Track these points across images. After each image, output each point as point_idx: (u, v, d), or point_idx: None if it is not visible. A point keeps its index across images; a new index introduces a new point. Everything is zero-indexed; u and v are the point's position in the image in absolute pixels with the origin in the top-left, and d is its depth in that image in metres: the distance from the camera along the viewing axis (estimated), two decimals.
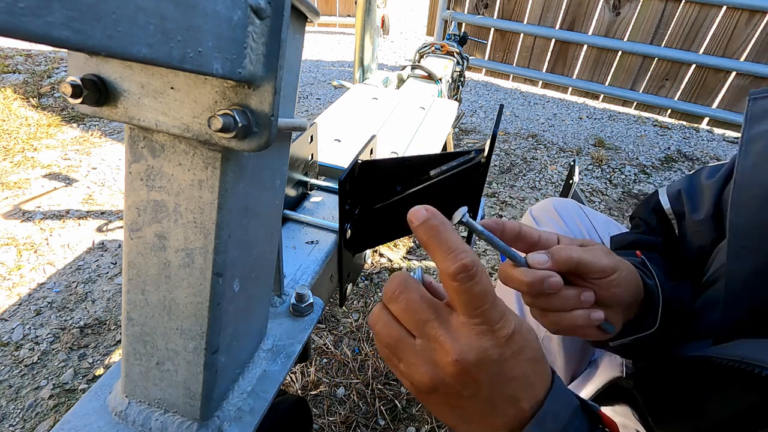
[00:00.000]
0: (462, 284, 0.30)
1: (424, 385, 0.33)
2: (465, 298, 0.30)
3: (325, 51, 3.91)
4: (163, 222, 0.35)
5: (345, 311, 1.45)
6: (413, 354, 0.33)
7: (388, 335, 0.34)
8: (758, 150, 0.47)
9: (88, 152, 2.13)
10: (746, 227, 0.46)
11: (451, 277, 0.30)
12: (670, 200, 0.63)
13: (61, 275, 1.50)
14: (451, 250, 0.30)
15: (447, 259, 0.30)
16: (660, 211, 0.64)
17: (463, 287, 0.30)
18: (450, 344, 0.31)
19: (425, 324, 0.32)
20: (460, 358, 0.30)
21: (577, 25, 2.98)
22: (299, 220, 0.74)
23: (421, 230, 0.31)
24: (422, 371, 0.32)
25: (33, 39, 0.16)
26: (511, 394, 0.32)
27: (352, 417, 1.16)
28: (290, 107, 0.40)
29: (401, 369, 0.34)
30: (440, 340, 0.31)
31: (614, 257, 0.46)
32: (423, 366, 0.32)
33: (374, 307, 0.36)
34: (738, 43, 2.68)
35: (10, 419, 1.11)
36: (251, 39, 0.27)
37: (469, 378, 0.31)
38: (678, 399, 0.48)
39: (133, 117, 0.30)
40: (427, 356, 0.32)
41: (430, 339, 0.32)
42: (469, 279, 0.30)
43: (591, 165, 2.44)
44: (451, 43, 1.78)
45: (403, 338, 0.33)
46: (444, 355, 0.31)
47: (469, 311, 0.31)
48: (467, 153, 0.62)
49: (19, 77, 2.74)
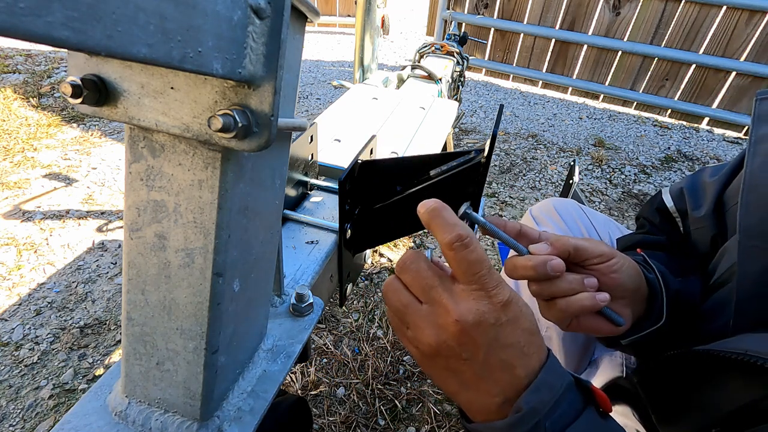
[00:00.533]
0: (458, 252, 0.34)
1: (428, 347, 0.36)
2: (462, 264, 0.34)
3: (325, 51, 3.91)
4: (163, 222, 0.35)
5: (345, 311, 1.45)
6: (419, 318, 0.36)
7: (398, 301, 0.38)
8: (766, 150, 0.47)
9: (88, 152, 2.13)
10: (756, 227, 0.46)
11: (448, 246, 0.34)
12: (673, 199, 0.63)
13: (61, 275, 1.50)
14: (448, 224, 0.35)
15: (444, 232, 0.34)
16: (664, 209, 0.64)
17: (459, 255, 0.34)
18: (452, 306, 0.34)
19: (431, 289, 0.35)
20: (460, 319, 0.34)
21: (577, 25, 2.98)
22: (299, 220, 0.74)
23: (426, 214, 0.36)
24: (427, 333, 0.35)
25: (33, 39, 0.16)
26: (507, 360, 0.35)
27: (352, 417, 1.16)
28: (290, 107, 0.40)
29: (408, 335, 0.38)
30: (443, 303, 0.35)
31: (610, 247, 0.49)
32: (428, 329, 0.35)
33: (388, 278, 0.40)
34: (738, 43, 2.68)
35: (10, 419, 1.11)
36: (251, 39, 0.27)
37: (467, 338, 0.34)
38: (681, 394, 0.49)
39: (133, 117, 0.30)
40: (431, 319, 0.35)
41: (434, 303, 0.35)
42: (464, 247, 0.34)
43: (591, 165, 2.44)
44: (451, 43, 1.78)
45: (411, 303, 0.37)
46: (446, 317, 0.34)
47: (467, 277, 0.34)
48: (467, 153, 0.62)
49: (19, 77, 2.74)
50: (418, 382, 1.27)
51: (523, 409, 0.33)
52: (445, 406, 1.21)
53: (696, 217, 0.59)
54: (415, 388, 1.25)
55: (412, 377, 1.28)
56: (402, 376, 1.28)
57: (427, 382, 1.27)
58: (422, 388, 1.25)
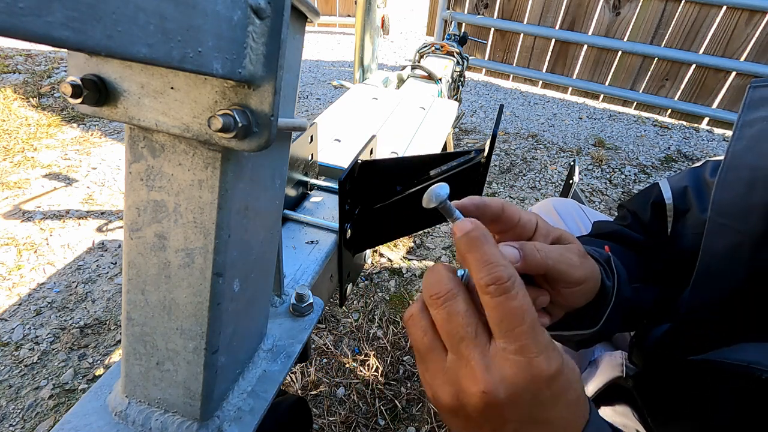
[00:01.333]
0: (493, 297, 0.28)
1: (444, 404, 0.31)
2: (498, 314, 0.28)
3: (325, 51, 3.91)
4: (163, 222, 0.35)
5: (345, 311, 1.45)
6: (441, 369, 0.31)
7: (421, 342, 0.32)
8: (751, 134, 0.47)
9: (88, 152, 2.13)
10: (730, 206, 0.46)
11: (483, 289, 0.29)
12: (674, 195, 0.60)
13: (61, 275, 1.50)
14: (488, 262, 0.29)
15: (481, 270, 0.29)
16: (660, 204, 0.61)
17: (495, 301, 0.28)
18: (480, 372, 0.28)
19: (461, 342, 0.29)
20: (488, 391, 0.28)
21: (577, 25, 2.98)
22: (299, 220, 0.74)
23: (462, 241, 0.30)
24: (446, 390, 0.30)
25: (33, 39, 0.16)
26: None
27: (352, 417, 1.16)
28: (290, 107, 0.40)
29: (426, 378, 0.32)
30: (472, 364, 0.29)
31: (587, 264, 0.42)
32: (447, 385, 0.30)
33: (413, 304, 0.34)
34: (738, 43, 2.68)
35: (10, 419, 1.11)
36: (251, 39, 0.27)
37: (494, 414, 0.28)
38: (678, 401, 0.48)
39: (133, 117, 0.30)
40: (454, 377, 0.30)
41: (461, 359, 0.29)
42: (502, 292, 0.28)
43: (591, 165, 2.44)
44: (451, 43, 1.78)
45: (435, 350, 0.31)
46: (472, 383, 0.28)
47: (504, 332, 0.28)
48: (467, 153, 0.62)
49: (19, 77, 2.74)
50: (418, 382, 1.27)
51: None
52: None
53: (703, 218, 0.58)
54: (415, 388, 1.25)
55: (412, 377, 1.28)
56: (402, 376, 1.28)
57: None
58: (422, 388, 1.25)
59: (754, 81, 0.50)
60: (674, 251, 0.57)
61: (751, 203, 0.45)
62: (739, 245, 0.45)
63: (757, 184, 0.45)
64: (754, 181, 0.45)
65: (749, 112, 0.49)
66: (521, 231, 0.40)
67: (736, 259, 0.45)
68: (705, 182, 0.59)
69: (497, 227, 0.40)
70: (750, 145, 0.47)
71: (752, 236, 0.44)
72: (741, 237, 0.45)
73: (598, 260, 0.49)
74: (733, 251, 0.45)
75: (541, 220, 0.41)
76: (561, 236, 0.42)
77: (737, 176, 0.47)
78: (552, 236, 0.41)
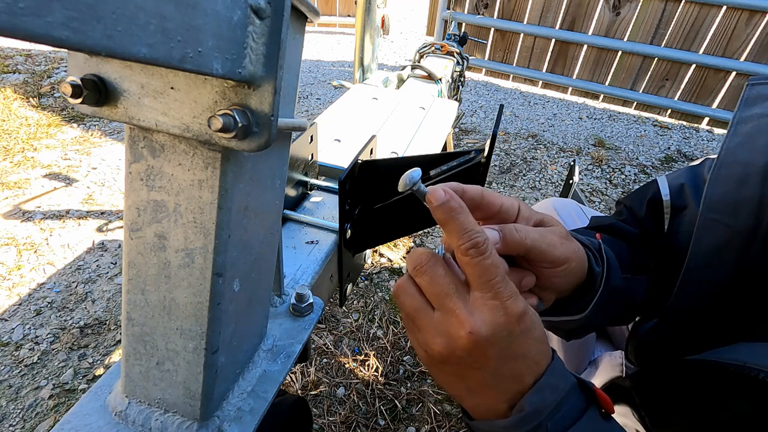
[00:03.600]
0: (473, 258, 0.33)
1: (438, 354, 0.35)
2: (477, 270, 0.33)
3: (325, 51, 3.91)
4: (163, 222, 0.35)
5: (345, 311, 1.45)
6: (431, 325, 0.35)
7: (411, 305, 0.37)
8: (746, 131, 0.47)
9: (88, 152, 2.13)
10: (720, 202, 0.46)
11: (463, 252, 0.33)
12: (671, 192, 0.59)
13: (61, 275, 1.50)
14: (466, 231, 0.34)
15: (461, 238, 0.34)
16: (657, 201, 0.60)
17: (474, 260, 0.33)
18: (465, 317, 0.33)
19: (445, 297, 0.34)
20: (473, 331, 0.33)
21: (577, 25, 2.98)
22: (299, 220, 0.74)
23: (439, 211, 0.34)
24: (438, 341, 0.35)
25: (33, 39, 0.16)
26: (517, 369, 0.34)
27: (352, 417, 1.16)
28: (290, 107, 0.40)
29: (419, 338, 0.37)
30: (456, 313, 0.34)
31: (569, 245, 0.43)
32: (439, 337, 0.35)
33: (399, 279, 0.39)
34: (738, 43, 2.68)
35: (10, 419, 1.11)
36: (251, 39, 0.27)
37: (479, 351, 0.33)
38: (676, 401, 0.48)
39: (133, 117, 0.30)
40: (443, 329, 0.34)
41: (447, 312, 0.34)
42: (480, 254, 0.33)
43: (591, 165, 2.44)
44: (451, 43, 1.78)
45: (423, 308, 0.36)
46: (459, 328, 0.33)
47: (482, 284, 0.33)
48: (467, 153, 0.62)
49: (19, 77, 2.74)
50: (418, 382, 1.27)
51: (526, 409, 0.33)
52: (445, 406, 1.21)
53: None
54: (415, 388, 1.25)
55: (412, 377, 1.28)
56: (402, 376, 1.28)
57: (427, 382, 1.27)
58: (422, 388, 1.25)
59: (751, 78, 0.50)
60: (670, 248, 0.57)
61: (742, 199, 0.45)
62: (728, 241, 0.45)
63: (749, 180, 0.45)
64: (745, 177, 0.45)
65: (745, 108, 0.49)
66: (504, 216, 0.42)
67: (724, 254, 0.45)
68: (702, 180, 0.58)
69: (479, 214, 0.42)
70: (744, 141, 0.47)
71: (741, 232, 0.44)
72: (730, 233, 0.45)
73: (588, 247, 0.50)
74: (721, 247, 0.46)
75: (524, 205, 0.44)
76: (543, 219, 0.44)
77: (730, 172, 0.47)
78: (534, 220, 0.43)
